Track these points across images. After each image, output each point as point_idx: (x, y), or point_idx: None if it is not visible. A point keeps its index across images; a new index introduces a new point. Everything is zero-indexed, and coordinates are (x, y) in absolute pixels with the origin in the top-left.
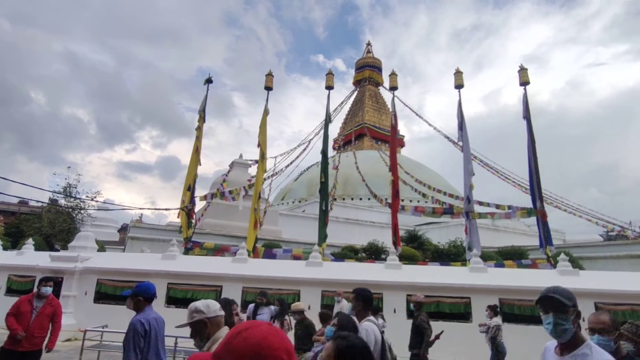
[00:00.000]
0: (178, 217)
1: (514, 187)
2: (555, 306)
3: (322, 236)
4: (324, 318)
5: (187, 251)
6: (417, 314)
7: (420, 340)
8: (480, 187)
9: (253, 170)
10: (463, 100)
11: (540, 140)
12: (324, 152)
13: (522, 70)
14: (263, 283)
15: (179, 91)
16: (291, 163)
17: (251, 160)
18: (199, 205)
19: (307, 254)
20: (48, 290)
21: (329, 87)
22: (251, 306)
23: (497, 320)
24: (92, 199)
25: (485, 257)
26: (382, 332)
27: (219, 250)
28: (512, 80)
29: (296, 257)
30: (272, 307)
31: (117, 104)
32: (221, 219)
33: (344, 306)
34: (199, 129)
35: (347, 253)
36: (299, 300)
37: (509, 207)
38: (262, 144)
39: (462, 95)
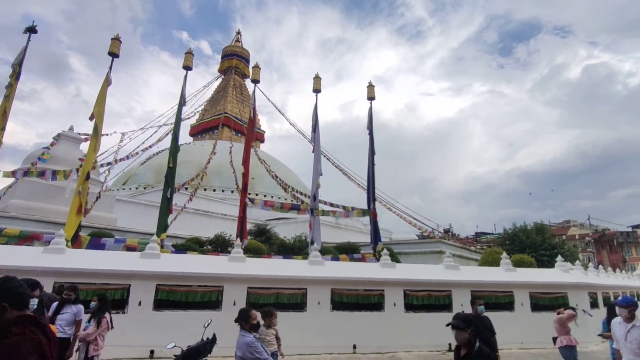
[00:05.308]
0: None
1: (359, 189)
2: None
3: (163, 226)
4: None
5: None
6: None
7: None
8: (333, 187)
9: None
10: (322, 105)
11: (381, 151)
12: (175, 136)
13: (370, 87)
14: (84, 277)
15: None
16: (147, 148)
17: (85, 135)
18: (5, 182)
19: (144, 245)
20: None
21: (187, 68)
22: (54, 304)
23: None
24: None
25: (325, 251)
26: None
27: (26, 238)
28: (363, 95)
29: (130, 248)
30: (80, 306)
31: None
32: (35, 200)
33: None
34: (11, 86)
35: (191, 245)
36: (127, 295)
37: (353, 208)
38: (97, 117)
39: (321, 101)
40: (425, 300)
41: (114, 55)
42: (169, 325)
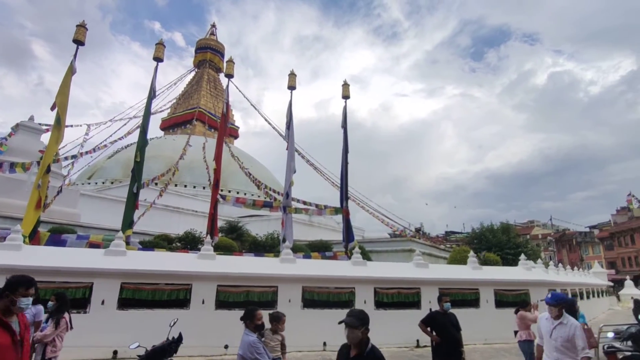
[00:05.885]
0: None
1: (333, 187)
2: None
3: (128, 222)
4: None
5: None
6: None
7: None
8: (306, 185)
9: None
10: (297, 103)
11: (355, 149)
12: (143, 130)
13: (345, 85)
14: (42, 275)
15: None
16: (115, 141)
17: (47, 126)
18: None
19: (109, 242)
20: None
21: (158, 59)
22: None
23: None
24: None
25: (297, 249)
26: None
27: None
28: (339, 94)
29: (94, 245)
30: (40, 306)
31: None
32: None
33: None
34: None
35: (159, 242)
36: (90, 294)
37: (325, 206)
38: (60, 107)
39: (296, 98)
40: (395, 297)
41: (79, 42)
42: (134, 325)
